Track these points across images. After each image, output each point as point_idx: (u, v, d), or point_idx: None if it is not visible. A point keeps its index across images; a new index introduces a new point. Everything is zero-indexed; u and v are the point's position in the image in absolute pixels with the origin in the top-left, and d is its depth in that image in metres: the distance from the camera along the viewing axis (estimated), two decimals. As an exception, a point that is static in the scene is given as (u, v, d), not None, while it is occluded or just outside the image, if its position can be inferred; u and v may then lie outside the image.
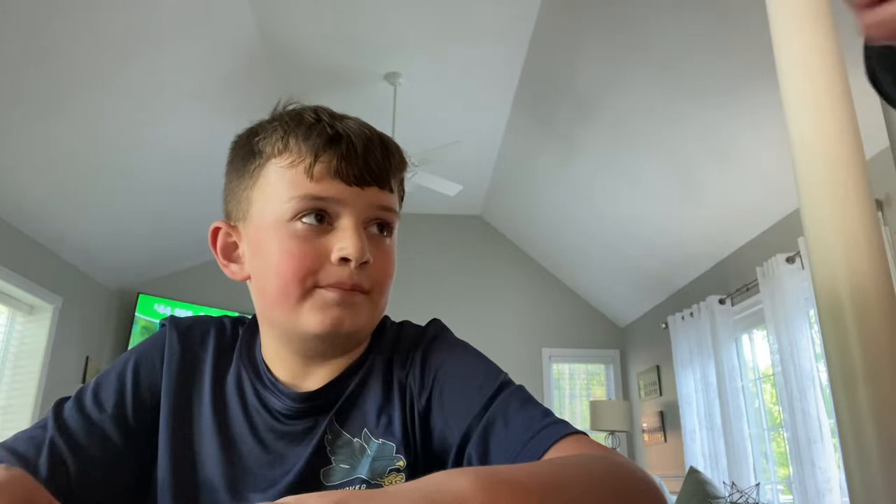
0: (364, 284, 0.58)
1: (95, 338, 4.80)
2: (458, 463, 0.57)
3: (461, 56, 3.64)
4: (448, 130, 4.28)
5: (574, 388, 5.93)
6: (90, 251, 4.43)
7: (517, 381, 0.61)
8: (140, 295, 5.08)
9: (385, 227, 0.62)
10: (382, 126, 0.69)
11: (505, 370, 0.63)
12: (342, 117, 0.61)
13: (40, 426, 0.58)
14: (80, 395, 0.61)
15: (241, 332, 0.68)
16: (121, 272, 4.95)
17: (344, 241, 0.57)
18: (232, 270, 0.64)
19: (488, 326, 5.40)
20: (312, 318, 0.57)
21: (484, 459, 0.54)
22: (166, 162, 3.96)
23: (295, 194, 0.57)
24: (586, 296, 5.87)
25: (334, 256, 0.57)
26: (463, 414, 0.57)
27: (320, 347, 0.61)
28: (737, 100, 2.95)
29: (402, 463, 0.59)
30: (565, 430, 0.51)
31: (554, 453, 0.49)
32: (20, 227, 3.80)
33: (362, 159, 0.58)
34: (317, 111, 0.61)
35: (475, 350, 0.66)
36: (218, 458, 0.60)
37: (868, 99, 0.84)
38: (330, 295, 0.57)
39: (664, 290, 4.86)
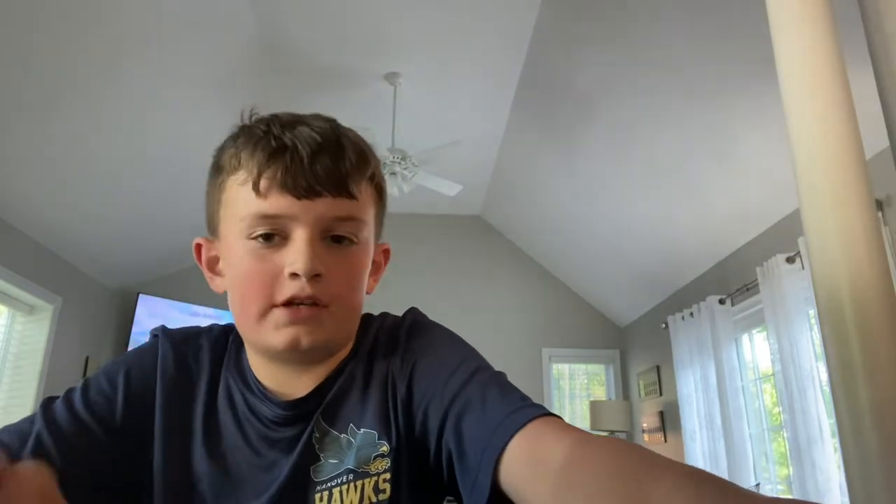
0: (321, 298, 0.57)
1: (95, 338, 4.81)
2: (438, 446, 0.57)
3: (461, 56, 3.64)
4: (448, 130, 4.28)
5: (574, 389, 5.93)
6: (90, 251, 4.43)
7: (517, 382, 0.61)
8: (140, 295, 5.09)
9: (343, 237, 0.59)
10: (382, 126, 0.69)
11: (505, 370, 0.62)
12: (297, 124, 0.59)
13: (28, 421, 0.58)
14: (69, 395, 0.61)
15: (230, 340, 0.68)
16: (121, 272, 4.96)
17: (293, 255, 0.56)
18: (216, 283, 0.65)
19: (488, 326, 5.41)
20: (270, 337, 0.58)
21: (459, 441, 0.54)
22: (166, 162, 3.96)
23: (246, 213, 0.57)
24: (586, 296, 5.87)
25: (286, 271, 0.57)
26: (440, 396, 0.57)
27: (293, 360, 0.62)
28: (737, 100, 2.95)
29: (385, 448, 0.60)
30: (539, 411, 0.50)
31: (527, 433, 0.48)
32: (20, 227, 3.80)
33: (309, 169, 0.56)
34: (269, 122, 0.59)
35: (453, 334, 0.66)
36: (212, 468, 0.61)
37: (868, 99, 0.84)
38: (283, 315, 0.57)
39: (664, 291, 4.86)
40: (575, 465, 0.42)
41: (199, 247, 0.66)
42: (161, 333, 0.68)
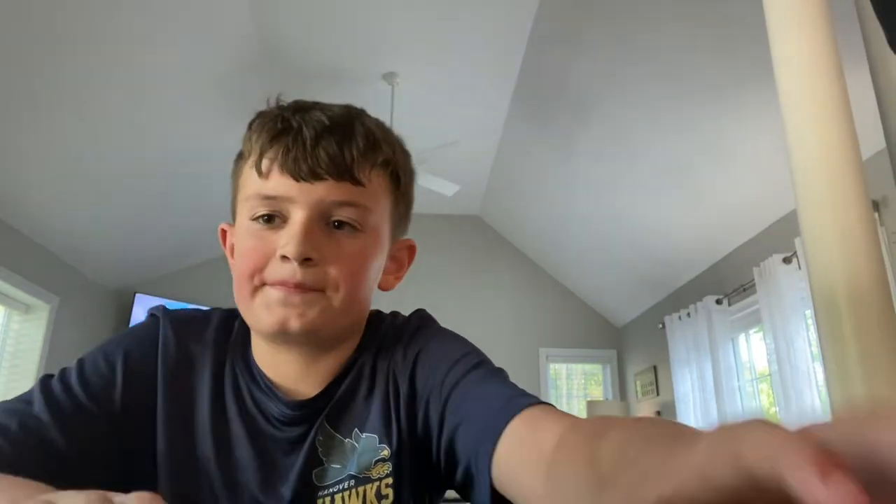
0: (309, 283, 0.56)
1: (92, 337, 4.78)
2: (439, 437, 0.57)
3: (459, 56, 3.64)
4: (446, 130, 4.28)
5: (571, 388, 5.94)
6: (87, 250, 4.42)
7: (514, 381, 0.60)
8: (137, 294, 5.07)
9: (344, 223, 0.58)
10: (380, 126, 0.68)
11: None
12: (312, 109, 0.59)
13: (22, 400, 0.56)
14: (64, 377, 0.59)
15: (235, 326, 0.66)
16: (118, 271, 4.94)
17: (286, 237, 0.55)
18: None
19: (486, 326, 5.40)
20: (261, 317, 0.57)
21: (456, 429, 0.54)
22: (164, 162, 3.95)
23: (249, 193, 0.57)
24: (583, 296, 5.87)
25: (278, 253, 0.56)
26: (439, 389, 0.57)
27: (290, 343, 0.60)
28: (734, 100, 2.95)
29: (386, 452, 0.59)
30: (535, 399, 0.50)
31: (521, 420, 0.48)
32: (17, 227, 3.79)
33: (311, 151, 0.55)
34: (283, 106, 0.60)
35: (457, 334, 0.65)
36: (217, 461, 0.59)
37: (865, 100, 0.84)
38: (274, 293, 0.56)
39: (661, 291, 4.87)
40: (563, 448, 0.42)
41: (223, 233, 0.66)
42: (161, 314, 0.65)
